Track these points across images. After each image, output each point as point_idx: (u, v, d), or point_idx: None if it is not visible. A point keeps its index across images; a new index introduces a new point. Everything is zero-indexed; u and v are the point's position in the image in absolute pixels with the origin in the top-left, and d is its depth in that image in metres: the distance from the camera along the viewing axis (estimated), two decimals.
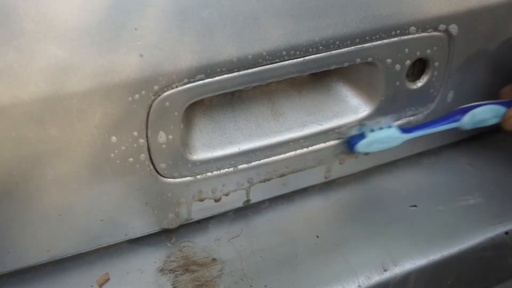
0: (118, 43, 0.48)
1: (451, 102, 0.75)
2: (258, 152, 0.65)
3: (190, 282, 0.62)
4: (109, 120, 0.52)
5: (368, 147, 0.68)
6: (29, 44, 0.45)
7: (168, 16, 0.49)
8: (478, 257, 0.70)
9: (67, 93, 0.48)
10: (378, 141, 0.68)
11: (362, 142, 0.67)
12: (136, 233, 0.65)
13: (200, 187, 0.64)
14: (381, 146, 0.69)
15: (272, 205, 0.74)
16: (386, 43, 0.62)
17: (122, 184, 0.58)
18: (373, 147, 0.69)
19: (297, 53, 0.57)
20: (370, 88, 0.68)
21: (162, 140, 0.57)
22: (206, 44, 0.52)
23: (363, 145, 0.68)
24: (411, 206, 0.74)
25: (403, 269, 0.65)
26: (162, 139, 0.57)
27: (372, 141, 0.68)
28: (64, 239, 0.60)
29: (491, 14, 0.68)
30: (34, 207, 0.55)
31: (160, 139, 0.56)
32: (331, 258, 0.66)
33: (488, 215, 0.73)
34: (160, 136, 0.56)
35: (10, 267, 0.59)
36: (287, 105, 0.67)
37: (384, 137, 0.68)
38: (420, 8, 0.61)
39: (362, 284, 0.63)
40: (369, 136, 0.67)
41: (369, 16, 0.59)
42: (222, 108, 0.65)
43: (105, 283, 0.62)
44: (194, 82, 0.54)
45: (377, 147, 0.69)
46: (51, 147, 0.51)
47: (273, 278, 0.63)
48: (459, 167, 0.82)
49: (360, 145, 0.68)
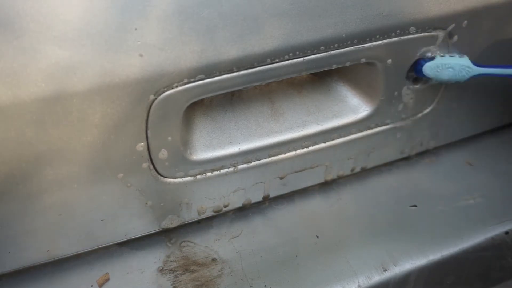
0: (118, 43, 0.48)
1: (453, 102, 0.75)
2: (258, 152, 0.65)
3: (190, 282, 0.62)
4: (109, 120, 0.52)
5: (436, 71, 0.65)
6: (29, 44, 0.45)
7: (168, 16, 0.49)
8: (478, 257, 0.70)
9: (67, 93, 0.48)
10: (447, 66, 0.65)
11: (430, 63, 0.65)
12: (136, 233, 0.65)
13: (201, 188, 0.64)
14: (449, 73, 0.66)
15: (272, 205, 0.74)
16: (386, 43, 0.62)
17: (122, 184, 0.58)
18: (441, 73, 0.66)
19: (297, 53, 0.57)
20: (370, 88, 0.68)
21: (162, 140, 0.57)
22: (206, 44, 0.52)
23: (430, 67, 0.65)
24: (411, 206, 0.74)
25: (403, 269, 0.65)
26: (162, 139, 0.57)
27: (441, 64, 0.65)
28: (64, 239, 0.59)
29: (491, 14, 0.68)
30: (34, 207, 0.55)
31: (160, 139, 0.56)
32: (331, 258, 0.66)
33: (488, 215, 0.73)
34: (160, 136, 0.56)
35: (10, 267, 0.59)
36: (287, 105, 0.67)
37: (454, 64, 0.65)
38: (420, 8, 0.61)
39: (362, 284, 0.63)
40: (439, 59, 0.65)
41: (369, 16, 0.59)
42: (222, 108, 0.65)
43: (105, 283, 0.62)
44: (194, 82, 0.54)
45: (445, 74, 0.66)
46: (51, 147, 0.51)
47: (273, 278, 0.63)
48: (459, 167, 0.82)
49: (428, 67, 0.65)
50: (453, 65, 0.65)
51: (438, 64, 0.65)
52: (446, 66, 0.65)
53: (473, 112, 0.81)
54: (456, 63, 0.65)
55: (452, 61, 0.65)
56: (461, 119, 0.80)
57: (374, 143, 0.74)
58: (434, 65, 0.65)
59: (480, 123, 0.85)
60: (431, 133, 0.79)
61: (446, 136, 0.82)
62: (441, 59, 0.65)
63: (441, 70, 0.65)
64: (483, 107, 0.82)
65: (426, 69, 0.65)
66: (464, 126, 0.83)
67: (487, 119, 0.85)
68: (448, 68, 0.65)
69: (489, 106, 0.82)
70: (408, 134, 0.76)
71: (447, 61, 0.65)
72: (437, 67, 0.65)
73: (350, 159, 0.74)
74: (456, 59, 0.66)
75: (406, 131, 0.75)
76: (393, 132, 0.74)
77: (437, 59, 0.65)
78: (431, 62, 0.65)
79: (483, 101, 0.81)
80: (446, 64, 0.65)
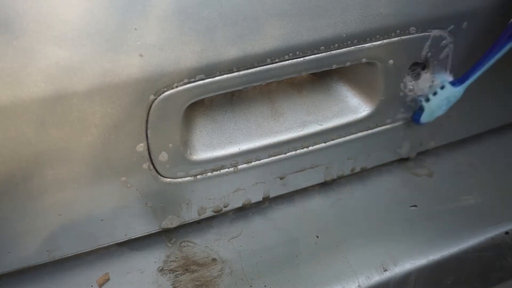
0: (118, 43, 0.48)
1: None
2: (258, 152, 0.65)
3: (190, 282, 0.62)
4: (109, 120, 0.52)
5: (433, 116, 0.68)
6: (29, 44, 0.45)
7: (168, 16, 0.49)
8: (478, 257, 0.70)
9: (67, 93, 0.48)
10: (438, 106, 0.67)
11: (423, 115, 0.67)
12: (136, 233, 0.65)
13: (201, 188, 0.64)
14: (444, 108, 0.68)
15: (272, 205, 0.74)
16: (386, 43, 0.62)
17: (122, 184, 0.58)
18: (437, 113, 0.68)
19: (297, 53, 0.57)
20: (370, 88, 0.68)
21: (162, 140, 0.57)
22: (206, 44, 0.52)
23: (426, 117, 0.67)
24: (411, 206, 0.74)
25: (403, 269, 0.65)
26: (162, 139, 0.57)
27: (430, 110, 0.67)
28: (64, 239, 0.59)
29: (491, 14, 0.68)
30: (34, 207, 0.55)
31: (160, 139, 0.56)
32: (331, 258, 0.66)
33: (488, 215, 0.73)
34: (160, 136, 0.56)
35: (10, 267, 0.59)
36: (287, 105, 0.67)
37: (441, 100, 0.67)
38: (420, 8, 0.61)
39: (362, 284, 0.63)
40: (427, 107, 0.67)
41: (369, 16, 0.59)
42: (222, 108, 0.65)
43: (105, 283, 0.62)
44: (194, 82, 0.54)
45: (441, 110, 0.68)
46: (51, 147, 0.51)
47: (273, 278, 0.63)
48: (459, 167, 0.82)
49: (424, 119, 0.67)
50: (441, 102, 0.67)
51: (429, 111, 0.67)
52: (437, 107, 0.67)
53: (473, 112, 0.81)
54: (443, 99, 0.67)
55: (438, 100, 0.67)
56: (461, 119, 0.80)
57: (374, 143, 0.74)
58: (426, 114, 0.67)
59: (480, 123, 0.85)
60: (431, 133, 0.79)
61: (446, 136, 0.82)
62: (428, 106, 0.67)
63: (435, 112, 0.68)
64: (483, 107, 0.82)
65: (423, 120, 0.68)
66: (464, 126, 0.83)
67: (487, 119, 0.85)
68: (441, 107, 0.68)
69: (489, 106, 0.82)
70: (408, 134, 0.76)
71: (435, 104, 0.67)
72: (431, 113, 0.67)
73: (350, 159, 0.74)
74: (441, 95, 0.67)
75: (406, 131, 0.75)
76: (393, 132, 0.74)
77: (426, 108, 0.67)
78: (424, 114, 0.67)
79: (483, 101, 0.81)
80: (436, 106, 0.67)
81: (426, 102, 0.67)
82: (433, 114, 0.68)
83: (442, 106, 0.67)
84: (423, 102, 0.67)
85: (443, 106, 0.68)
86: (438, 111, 0.68)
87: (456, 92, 0.68)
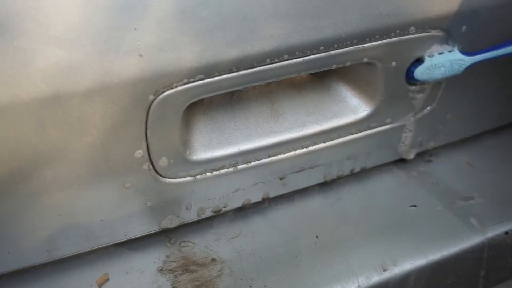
0: (117, 43, 0.48)
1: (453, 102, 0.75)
2: (258, 152, 0.65)
3: (190, 282, 0.62)
4: (108, 120, 0.52)
5: (428, 74, 0.64)
6: (29, 44, 0.45)
7: (167, 16, 0.49)
8: (478, 257, 0.70)
9: (67, 93, 0.48)
10: (438, 66, 0.63)
11: (420, 68, 0.63)
12: (136, 233, 0.65)
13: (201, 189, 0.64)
14: (442, 72, 0.64)
15: (272, 205, 0.74)
16: (386, 43, 0.62)
17: (121, 184, 0.58)
18: (433, 74, 0.64)
19: (296, 53, 0.57)
20: (370, 88, 0.68)
21: (161, 140, 0.57)
22: (206, 44, 0.52)
23: (421, 71, 0.63)
24: (411, 206, 0.74)
25: (403, 269, 0.65)
26: (162, 139, 0.57)
27: (430, 65, 0.63)
28: (63, 239, 0.60)
29: (491, 14, 0.68)
30: (34, 207, 0.55)
31: (159, 139, 0.56)
32: (331, 258, 0.66)
33: (488, 215, 0.73)
34: (159, 136, 0.56)
35: (10, 267, 0.59)
36: (287, 105, 0.67)
37: (444, 61, 0.63)
38: (420, 8, 0.61)
39: (362, 284, 0.63)
40: (428, 60, 0.63)
41: (369, 16, 0.58)
42: (221, 108, 0.65)
43: (105, 283, 0.62)
44: (194, 82, 0.54)
45: (438, 73, 0.64)
46: (51, 147, 0.51)
47: (272, 278, 0.63)
48: (459, 167, 0.82)
49: (418, 72, 0.63)
50: (443, 63, 0.64)
51: (428, 66, 0.63)
52: (437, 66, 0.64)
53: (473, 112, 0.81)
54: (446, 60, 0.64)
55: (441, 59, 0.64)
56: (461, 119, 0.80)
57: (374, 143, 0.74)
58: (424, 68, 0.63)
59: (480, 123, 0.85)
60: (431, 133, 0.79)
61: (446, 136, 0.82)
62: (430, 60, 0.63)
63: (432, 71, 0.64)
64: (483, 107, 0.82)
65: (417, 74, 0.64)
66: (464, 126, 0.83)
67: (487, 119, 0.85)
68: (440, 67, 0.64)
69: (489, 106, 0.82)
70: (408, 134, 0.76)
71: (436, 61, 0.63)
72: (428, 70, 0.63)
73: (350, 159, 0.74)
74: (446, 56, 0.64)
75: (406, 131, 0.75)
76: (393, 132, 0.74)
77: (426, 61, 0.63)
78: (421, 66, 0.63)
79: (483, 101, 0.81)
80: (436, 64, 0.64)
81: (429, 57, 0.63)
82: (430, 73, 0.64)
83: (442, 67, 0.64)
84: (425, 56, 0.63)
85: (443, 67, 0.64)
86: (436, 71, 0.64)
87: (461, 61, 0.64)
